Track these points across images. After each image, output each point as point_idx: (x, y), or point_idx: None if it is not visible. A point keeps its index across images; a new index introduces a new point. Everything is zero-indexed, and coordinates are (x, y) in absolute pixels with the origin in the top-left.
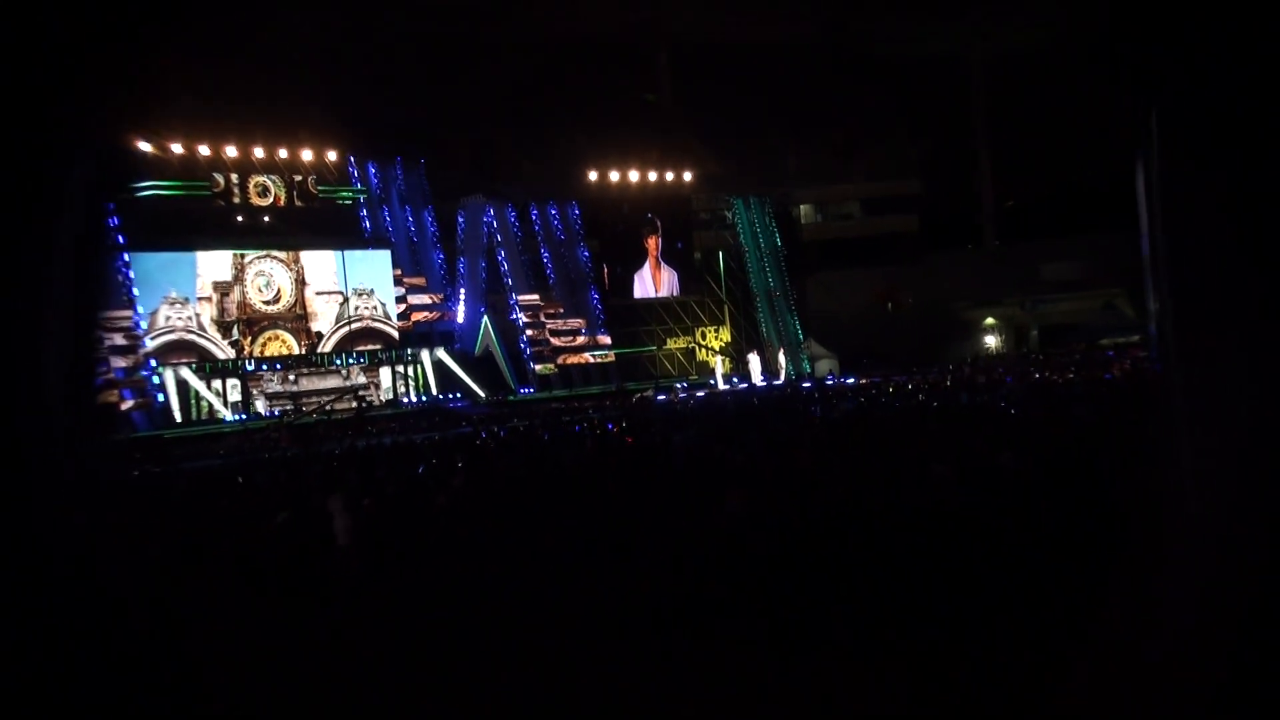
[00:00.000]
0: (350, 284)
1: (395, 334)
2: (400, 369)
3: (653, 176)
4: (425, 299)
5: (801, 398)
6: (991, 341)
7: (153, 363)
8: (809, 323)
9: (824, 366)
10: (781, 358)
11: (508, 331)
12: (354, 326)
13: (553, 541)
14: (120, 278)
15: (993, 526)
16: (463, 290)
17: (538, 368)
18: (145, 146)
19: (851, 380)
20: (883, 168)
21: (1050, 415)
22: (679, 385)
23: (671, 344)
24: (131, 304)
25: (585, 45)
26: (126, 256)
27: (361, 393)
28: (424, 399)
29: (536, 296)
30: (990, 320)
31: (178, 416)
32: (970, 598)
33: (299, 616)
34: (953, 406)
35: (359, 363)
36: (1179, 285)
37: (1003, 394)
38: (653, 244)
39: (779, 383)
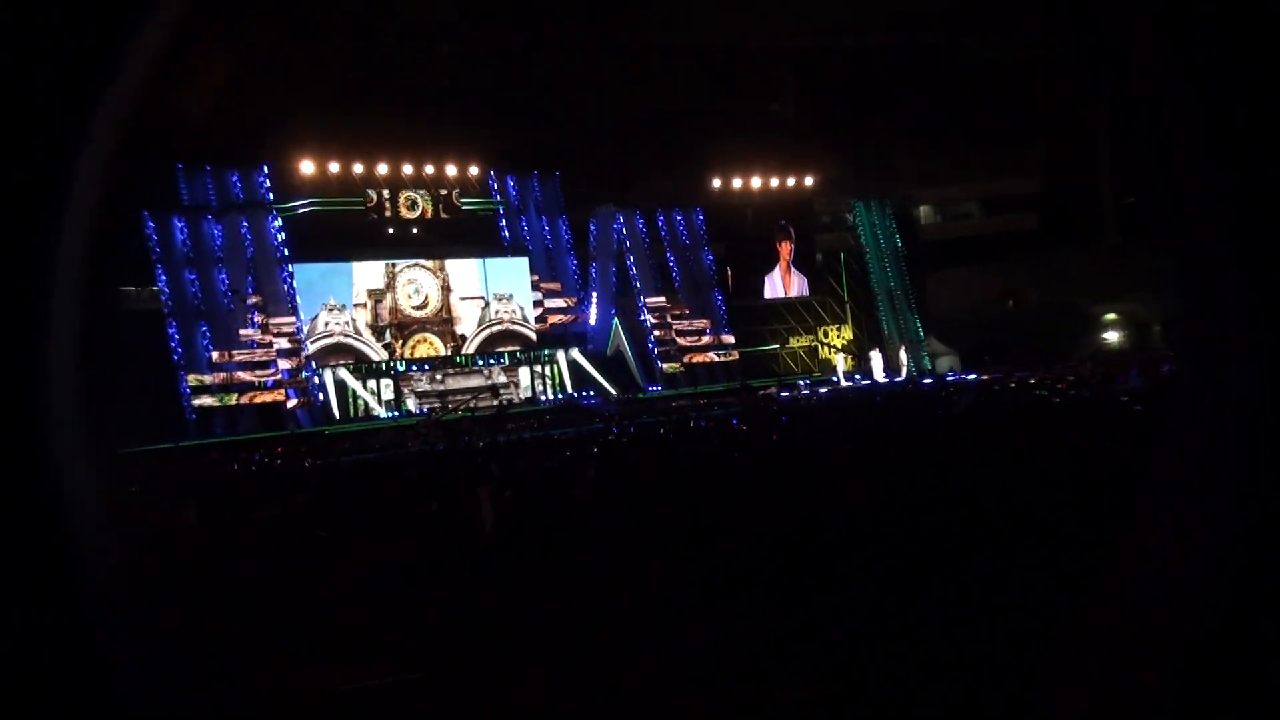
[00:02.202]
0: (491, 289)
1: (533, 336)
2: (538, 368)
3: (774, 183)
4: (560, 302)
5: (923, 394)
6: (1114, 337)
7: (313, 365)
8: (929, 320)
9: (945, 363)
10: (903, 355)
11: (636, 332)
12: (495, 329)
13: (677, 530)
14: (285, 287)
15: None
16: (595, 294)
17: (665, 366)
18: (308, 167)
19: (973, 376)
20: (1001, 167)
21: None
22: (801, 383)
23: (794, 342)
24: (294, 311)
25: (710, 59)
26: (290, 268)
27: (502, 391)
28: (560, 397)
29: (663, 299)
30: (1112, 316)
31: (336, 414)
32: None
33: (448, 597)
34: (1074, 400)
35: (500, 363)
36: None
37: (1124, 388)
38: (785, 249)
39: (901, 379)
